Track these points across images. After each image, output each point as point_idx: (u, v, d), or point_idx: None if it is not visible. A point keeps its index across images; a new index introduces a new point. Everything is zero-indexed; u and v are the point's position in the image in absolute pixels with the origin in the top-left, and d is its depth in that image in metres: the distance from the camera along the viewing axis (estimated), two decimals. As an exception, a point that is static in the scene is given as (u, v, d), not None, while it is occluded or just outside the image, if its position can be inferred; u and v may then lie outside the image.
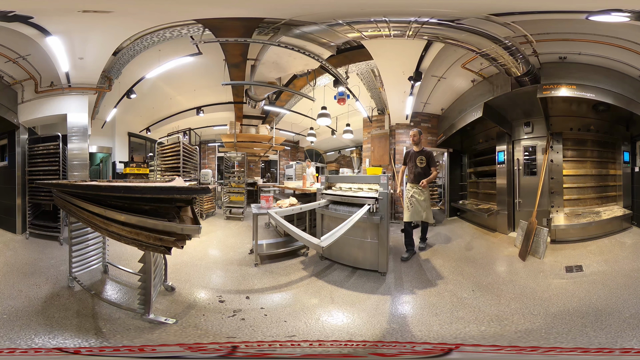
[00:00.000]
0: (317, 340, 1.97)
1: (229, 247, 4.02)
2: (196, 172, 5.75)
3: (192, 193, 2.02)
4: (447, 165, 5.39)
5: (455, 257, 3.57)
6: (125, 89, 4.82)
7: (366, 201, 3.09)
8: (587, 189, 3.96)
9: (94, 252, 2.94)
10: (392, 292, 2.65)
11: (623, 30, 3.01)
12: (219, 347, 1.89)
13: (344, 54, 4.36)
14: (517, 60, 3.29)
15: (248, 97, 5.13)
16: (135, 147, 5.92)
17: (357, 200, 3.23)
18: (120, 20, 3.36)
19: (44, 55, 3.64)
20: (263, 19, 3.37)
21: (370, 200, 3.07)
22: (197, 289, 2.73)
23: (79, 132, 4.20)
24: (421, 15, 3.00)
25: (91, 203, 2.18)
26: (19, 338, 1.89)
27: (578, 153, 3.93)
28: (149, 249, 2.05)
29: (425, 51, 3.92)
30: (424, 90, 4.66)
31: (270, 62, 4.01)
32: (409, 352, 1.87)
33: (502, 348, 1.86)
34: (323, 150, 9.18)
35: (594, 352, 1.80)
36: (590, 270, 3.02)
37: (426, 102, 4.93)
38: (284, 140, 6.76)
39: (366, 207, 3.00)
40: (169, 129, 6.04)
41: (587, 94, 3.42)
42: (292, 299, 2.57)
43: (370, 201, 3.06)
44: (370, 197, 3.17)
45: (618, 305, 2.34)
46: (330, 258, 3.40)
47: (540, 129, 3.98)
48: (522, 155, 4.09)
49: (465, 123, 4.42)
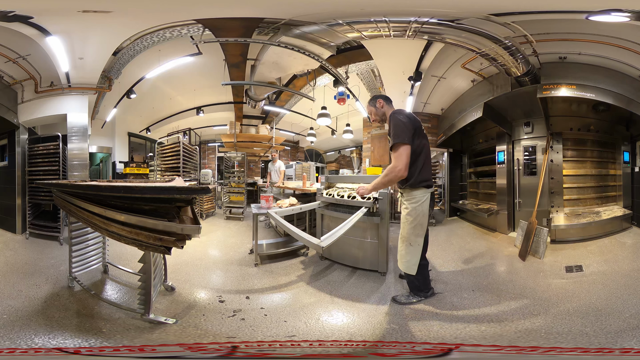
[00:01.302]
0: (317, 340, 1.97)
1: (229, 247, 4.02)
2: (196, 172, 5.75)
3: (192, 193, 2.02)
4: (447, 165, 5.40)
5: (455, 257, 3.57)
6: (125, 89, 4.82)
7: (362, 204, 3.01)
8: (587, 189, 3.96)
9: (94, 252, 2.94)
10: (392, 292, 2.65)
11: (623, 30, 3.01)
12: (219, 347, 1.89)
13: (344, 54, 4.37)
14: (517, 60, 3.28)
15: (248, 97, 5.13)
16: (135, 147, 5.93)
17: (352, 203, 3.14)
18: (120, 20, 3.36)
19: (44, 55, 3.64)
20: (263, 19, 3.38)
21: (367, 203, 2.99)
22: (197, 289, 2.73)
23: (79, 132, 4.20)
24: (421, 15, 3.00)
25: (91, 203, 2.18)
26: (19, 338, 1.89)
27: (578, 153, 3.93)
28: (149, 249, 2.05)
29: (425, 51, 3.92)
30: (424, 90, 4.66)
31: (270, 62, 4.02)
32: (409, 352, 1.87)
33: (502, 348, 1.86)
34: (323, 150, 9.18)
35: (594, 352, 1.80)
36: (590, 270, 3.02)
37: (426, 102, 4.93)
38: (284, 140, 6.76)
39: (364, 209, 2.90)
40: (169, 129, 6.05)
41: (587, 94, 3.42)
42: (292, 299, 2.57)
43: (367, 204, 2.99)
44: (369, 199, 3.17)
45: (618, 305, 2.33)
46: (330, 258, 3.40)
47: (540, 129, 3.98)
48: (522, 155, 4.09)
49: (465, 123, 4.42)
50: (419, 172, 2.34)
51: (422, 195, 2.34)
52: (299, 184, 5.32)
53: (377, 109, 2.57)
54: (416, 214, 2.35)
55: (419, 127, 2.36)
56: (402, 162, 2.22)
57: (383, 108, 2.55)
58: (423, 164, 2.35)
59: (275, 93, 5.45)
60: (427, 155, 2.40)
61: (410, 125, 2.28)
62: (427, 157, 2.39)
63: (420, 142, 2.35)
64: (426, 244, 2.69)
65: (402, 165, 2.22)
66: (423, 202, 2.34)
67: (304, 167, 7.36)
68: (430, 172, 2.44)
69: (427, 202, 2.36)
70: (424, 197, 2.35)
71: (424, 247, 2.63)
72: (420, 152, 2.35)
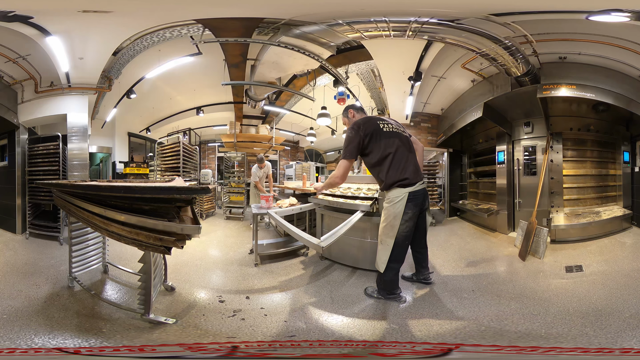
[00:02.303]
0: (317, 340, 1.97)
1: (229, 247, 4.02)
2: (196, 172, 5.75)
3: (192, 193, 2.02)
4: (447, 165, 5.39)
5: (454, 257, 3.57)
6: (125, 89, 4.82)
7: (359, 207, 2.97)
8: (587, 189, 3.96)
9: (94, 252, 2.94)
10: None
11: (623, 30, 3.01)
12: (219, 347, 1.89)
13: (344, 54, 4.37)
14: (517, 60, 3.29)
15: (248, 97, 5.13)
16: (135, 147, 5.92)
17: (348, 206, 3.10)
18: (120, 20, 3.36)
19: (44, 55, 3.64)
20: (263, 19, 3.38)
21: (363, 206, 2.95)
22: (197, 289, 2.73)
23: (79, 132, 4.20)
24: (421, 15, 3.00)
25: (91, 203, 2.18)
26: (19, 338, 1.88)
27: (578, 153, 3.93)
28: (149, 249, 2.05)
29: (425, 51, 3.92)
30: (424, 90, 4.66)
31: (270, 62, 4.02)
32: (409, 352, 1.86)
33: (502, 348, 1.86)
34: (323, 150, 9.18)
35: (594, 352, 1.80)
36: (590, 270, 3.02)
37: (426, 102, 4.93)
38: (284, 140, 6.76)
39: (359, 214, 2.86)
40: (169, 129, 6.04)
41: (587, 94, 3.42)
42: (292, 299, 2.57)
43: (363, 207, 2.94)
44: (368, 198, 3.17)
45: (618, 305, 2.33)
46: (330, 258, 3.40)
47: (540, 129, 3.98)
48: (522, 155, 4.09)
49: (465, 123, 4.42)
50: (386, 174, 2.36)
51: (396, 196, 2.34)
52: (299, 184, 5.32)
53: (349, 119, 2.65)
54: (387, 214, 2.39)
55: (373, 130, 2.38)
56: (339, 172, 2.42)
57: (354, 117, 2.62)
58: (390, 163, 2.36)
59: (275, 93, 5.45)
60: (396, 153, 2.36)
61: (357, 138, 2.36)
62: (395, 155, 2.36)
63: (380, 143, 2.36)
64: (425, 250, 2.74)
65: (338, 174, 2.42)
66: (396, 202, 2.34)
67: (304, 167, 7.35)
68: (407, 169, 2.36)
69: (403, 202, 2.32)
70: (398, 197, 2.33)
71: (421, 253, 2.74)
72: (383, 155, 2.36)
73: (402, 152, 2.40)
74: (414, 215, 2.39)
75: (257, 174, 5.24)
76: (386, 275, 2.44)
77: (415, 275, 2.85)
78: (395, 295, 2.49)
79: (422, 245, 2.72)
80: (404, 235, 2.38)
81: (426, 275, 2.80)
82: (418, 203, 2.39)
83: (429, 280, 2.79)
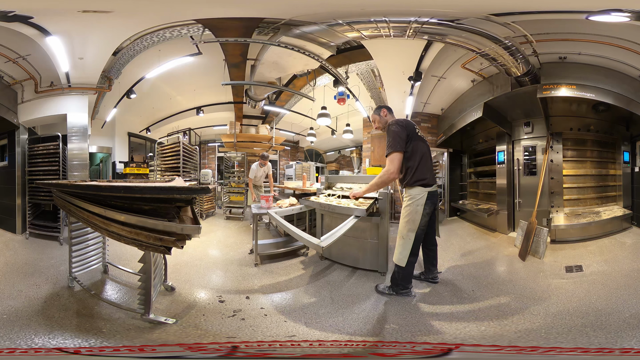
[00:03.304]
0: (317, 340, 1.97)
1: (229, 247, 4.02)
2: (196, 172, 5.75)
3: (192, 193, 2.02)
4: (447, 165, 5.40)
5: (455, 257, 3.57)
6: (125, 89, 4.82)
7: (351, 212, 2.85)
8: (587, 189, 3.96)
9: (94, 252, 2.94)
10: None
11: (623, 30, 3.01)
12: (219, 347, 1.89)
13: (344, 54, 4.36)
14: (517, 60, 3.28)
15: (248, 97, 5.13)
16: (135, 147, 5.92)
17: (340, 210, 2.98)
18: (120, 20, 3.36)
19: (44, 55, 3.64)
20: (263, 19, 3.37)
21: (358, 211, 2.84)
22: (197, 289, 2.73)
23: (79, 132, 4.20)
24: (421, 15, 3.00)
25: (91, 203, 2.18)
26: (19, 338, 1.89)
27: (578, 153, 3.93)
28: (149, 249, 2.05)
29: (425, 51, 3.91)
30: (424, 90, 4.66)
31: (270, 62, 4.02)
32: (409, 352, 1.87)
33: (502, 348, 1.86)
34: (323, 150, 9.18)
35: (594, 352, 1.80)
36: (590, 270, 3.02)
37: (426, 102, 4.93)
38: (284, 140, 6.76)
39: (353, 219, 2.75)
40: (169, 129, 6.04)
41: (587, 94, 3.42)
42: (292, 299, 2.57)
43: (358, 211, 2.84)
44: (368, 198, 3.17)
45: (618, 305, 2.34)
46: (330, 258, 3.40)
47: (540, 129, 3.98)
48: (522, 155, 4.09)
49: (465, 123, 4.42)
50: (414, 171, 2.53)
51: (418, 194, 2.53)
52: (299, 184, 5.32)
53: (381, 117, 2.80)
54: (409, 210, 2.54)
55: (412, 131, 2.57)
56: (394, 166, 2.50)
57: (386, 117, 2.79)
58: (418, 163, 2.54)
59: (275, 93, 5.44)
60: (424, 156, 2.57)
61: (404, 133, 2.52)
62: (422, 157, 2.56)
63: (415, 144, 2.55)
64: (435, 247, 2.89)
65: (394, 169, 2.50)
66: (418, 199, 2.52)
67: (304, 167, 7.36)
68: (429, 172, 2.57)
69: (423, 200, 2.52)
70: (420, 195, 2.52)
71: (432, 250, 2.87)
72: (415, 153, 2.55)
73: (428, 156, 2.62)
74: (431, 212, 2.59)
75: (254, 171, 5.19)
76: (407, 269, 2.54)
77: (423, 274, 2.91)
78: (408, 290, 2.59)
79: (432, 242, 2.86)
80: (423, 229, 2.56)
81: (435, 275, 2.87)
82: (433, 202, 2.61)
83: (436, 280, 2.85)
